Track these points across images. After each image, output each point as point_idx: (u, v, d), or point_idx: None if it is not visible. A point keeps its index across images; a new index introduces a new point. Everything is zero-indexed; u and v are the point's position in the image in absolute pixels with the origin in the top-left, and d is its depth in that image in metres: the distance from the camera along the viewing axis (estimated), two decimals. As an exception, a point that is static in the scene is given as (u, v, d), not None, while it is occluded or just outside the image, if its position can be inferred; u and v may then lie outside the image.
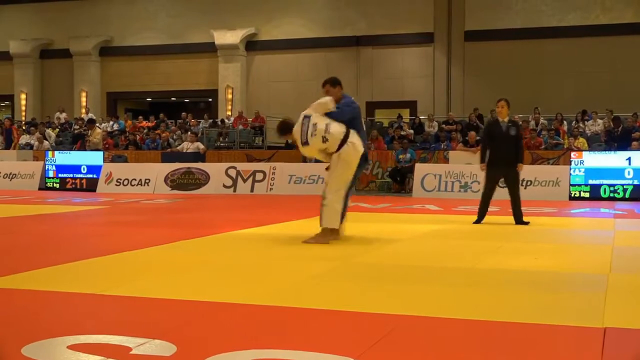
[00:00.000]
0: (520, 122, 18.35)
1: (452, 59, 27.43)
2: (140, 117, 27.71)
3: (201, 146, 20.66)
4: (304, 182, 18.40)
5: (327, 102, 8.13)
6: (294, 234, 8.91)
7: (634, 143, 18.32)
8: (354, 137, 8.01)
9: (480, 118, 23.05)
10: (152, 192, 18.72)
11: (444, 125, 22.59)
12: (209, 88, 30.30)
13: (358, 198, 15.02)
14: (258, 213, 12.51)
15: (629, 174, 16.46)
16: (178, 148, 21.14)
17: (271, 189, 18.55)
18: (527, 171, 17.15)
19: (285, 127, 8.43)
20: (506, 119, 10.41)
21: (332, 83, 8.34)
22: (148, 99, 33.73)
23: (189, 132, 22.20)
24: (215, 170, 19.24)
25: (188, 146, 20.61)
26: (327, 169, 8.23)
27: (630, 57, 25.27)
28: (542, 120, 21.98)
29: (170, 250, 7.51)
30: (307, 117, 8.07)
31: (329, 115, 8.07)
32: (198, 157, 20.20)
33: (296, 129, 8.13)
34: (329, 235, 8.04)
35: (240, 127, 25.45)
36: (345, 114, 8.09)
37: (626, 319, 4.42)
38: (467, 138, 19.22)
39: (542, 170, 17.39)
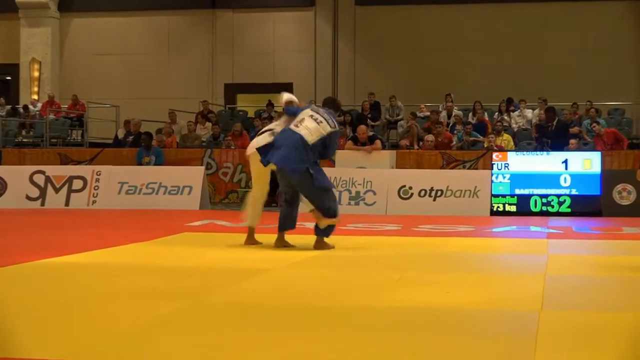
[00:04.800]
0: None
1: (339, 29, 27.72)
2: None
3: None
4: (139, 192, 18.19)
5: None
6: (127, 263, 8.80)
7: (572, 141, 18.79)
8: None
9: (376, 106, 23.40)
10: None
11: (328, 117, 22.80)
12: (7, 62, 29.60)
13: (211, 213, 14.94)
14: (75, 235, 12.31)
15: (565, 181, 16.95)
16: None
17: (94, 202, 18.25)
18: (437, 178, 17.47)
19: None
20: None
21: None
22: None
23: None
24: (15, 175, 18.84)
25: None
26: None
27: (569, 31, 25.94)
28: (455, 111, 22.48)
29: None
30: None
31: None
32: (-9, 157, 19.69)
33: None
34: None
35: (52, 116, 24.93)
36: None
37: (560, 369, 4.61)
38: (356, 134, 19.32)
39: (455, 176, 17.75)
